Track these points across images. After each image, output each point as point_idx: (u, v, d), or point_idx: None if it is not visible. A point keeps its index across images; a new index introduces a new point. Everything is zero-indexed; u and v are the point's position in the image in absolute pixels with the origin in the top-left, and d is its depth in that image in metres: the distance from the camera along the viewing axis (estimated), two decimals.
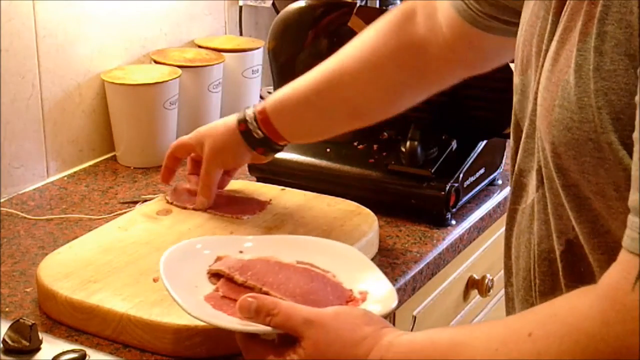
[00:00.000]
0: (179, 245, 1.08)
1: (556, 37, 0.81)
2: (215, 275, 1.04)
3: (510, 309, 0.95)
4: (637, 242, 0.68)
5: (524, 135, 0.89)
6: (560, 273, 0.84)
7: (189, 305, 0.95)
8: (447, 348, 0.79)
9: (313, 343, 0.85)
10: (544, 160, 0.82)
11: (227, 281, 1.02)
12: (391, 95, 1.24)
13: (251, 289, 0.99)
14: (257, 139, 1.28)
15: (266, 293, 0.98)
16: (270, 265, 1.04)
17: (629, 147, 0.72)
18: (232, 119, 1.31)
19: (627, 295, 0.68)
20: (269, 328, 0.89)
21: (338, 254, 1.09)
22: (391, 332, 0.85)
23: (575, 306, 0.73)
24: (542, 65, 0.84)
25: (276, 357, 0.88)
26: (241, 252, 1.09)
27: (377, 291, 1.01)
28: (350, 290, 1.02)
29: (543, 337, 0.73)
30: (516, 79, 0.92)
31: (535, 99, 0.85)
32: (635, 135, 0.70)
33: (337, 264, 1.06)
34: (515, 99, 0.92)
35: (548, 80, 0.81)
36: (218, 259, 1.07)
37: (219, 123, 1.34)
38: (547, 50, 0.83)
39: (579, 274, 0.82)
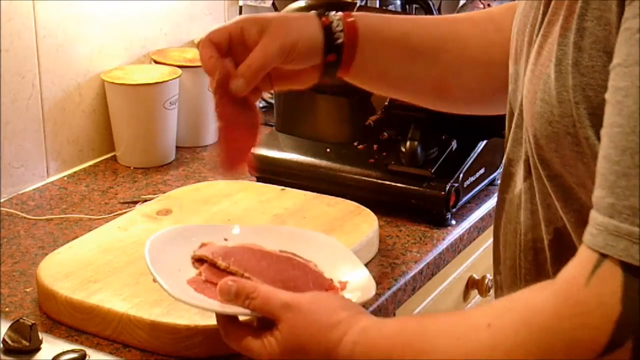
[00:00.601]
0: (165, 230, 1.08)
1: (541, 30, 0.82)
2: (198, 261, 1.05)
3: (498, 297, 0.96)
4: (596, 238, 0.69)
5: (513, 125, 0.90)
6: (549, 262, 0.85)
7: (171, 286, 0.95)
8: (414, 334, 0.81)
9: (289, 326, 0.87)
10: (530, 150, 0.84)
11: (210, 266, 1.02)
12: (485, 73, 1.09)
13: (233, 274, 1.00)
14: (335, 44, 1.03)
15: (248, 279, 0.98)
16: (253, 252, 1.04)
17: None
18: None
19: (581, 290, 0.69)
20: (247, 311, 0.91)
21: (320, 244, 1.10)
22: (365, 318, 0.86)
23: (531, 299, 0.74)
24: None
25: (254, 339, 0.89)
26: (226, 239, 1.10)
27: (356, 280, 1.03)
28: (330, 279, 1.03)
29: (500, 329, 0.74)
30: (511, 68, 0.93)
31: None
32: (602, 131, 0.71)
33: (319, 255, 1.07)
34: (510, 87, 0.92)
35: (532, 72, 0.82)
36: (203, 245, 1.07)
37: (282, 14, 1.06)
38: (535, 42, 0.84)
39: (567, 263, 0.83)
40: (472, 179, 1.49)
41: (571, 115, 0.75)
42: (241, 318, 0.95)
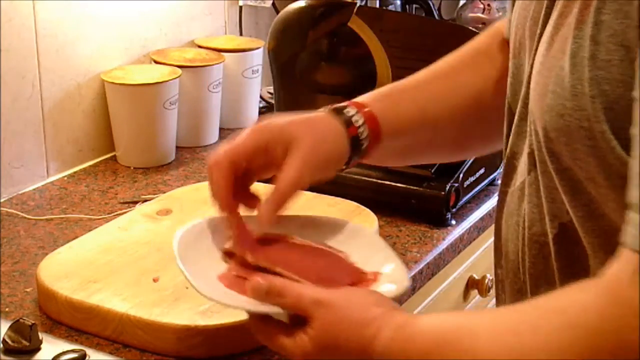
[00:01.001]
0: (193, 224, 1.04)
1: (551, 22, 0.82)
2: (228, 254, 1.01)
3: (499, 291, 0.95)
4: (637, 239, 0.68)
5: (516, 118, 0.89)
6: (553, 257, 0.85)
7: (200, 284, 0.93)
8: (454, 333, 0.79)
9: (322, 323, 0.85)
10: (537, 143, 0.83)
11: (240, 260, 0.99)
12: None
13: (263, 268, 0.98)
14: (362, 147, 1.00)
15: (279, 273, 0.96)
16: (284, 244, 1.02)
17: (620, 138, 0.73)
18: (321, 115, 1.00)
19: (625, 291, 0.68)
20: (279, 309, 0.89)
21: (352, 233, 1.06)
22: (400, 314, 0.85)
23: (576, 300, 0.73)
24: (536, 49, 0.84)
25: (286, 337, 0.88)
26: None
27: (389, 272, 1.00)
28: (363, 271, 1.00)
29: (546, 331, 0.73)
30: (510, 62, 0.92)
31: (529, 82, 0.85)
32: (633, 131, 0.70)
33: (351, 245, 1.03)
34: (508, 82, 0.92)
35: (542, 65, 0.81)
36: (232, 237, 1.02)
37: (305, 116, 0.99)
38: (541, 34, 0.83)
39: (572, 257, 0.83)
40: (472, 179, 1.49)
41: (585, 109, 0.75)
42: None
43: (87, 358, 1.03)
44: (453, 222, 1.44)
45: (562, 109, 0.77)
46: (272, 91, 1.81)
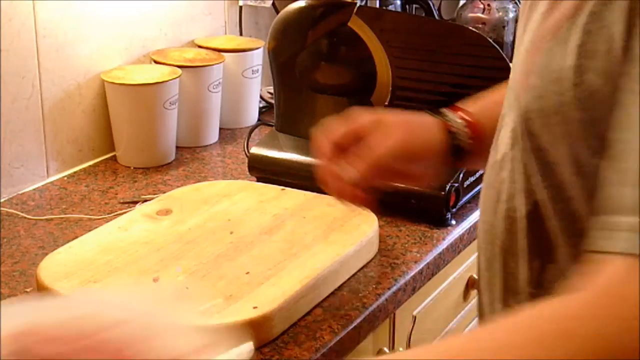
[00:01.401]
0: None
1: (545, 3, 0.82)
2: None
3: (478, 262, 0.95)
4: (635, 242, 0.67)
5: (511, 95, 0.90)
6: (524, 232, 0.85)
7: None
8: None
9: None
10: (518, 120, 0.84)
11: None
12: None
13: None
14: (461, 147, 1.04)
15: None
16: (62, 343, 0.77)
17: (594, 128, 0.74)
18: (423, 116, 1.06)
19: (624, 288, 0.67)
20: None
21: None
22: None
23: (568, 306, 0.70)
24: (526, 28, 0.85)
25: None
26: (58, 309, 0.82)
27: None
28: None
29: (535, 341, 0.68)
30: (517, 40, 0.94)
31: None
32: (617, 135, 0.71)
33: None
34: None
35: (531, 43, 0.82)
36: (13, 338, 0.77)
37: (402, 115, 1.06)
38: (532, 12, 0.84)
39: (541, 237, 0.83)
40: (472, 179, 1.49)
41: (565, 94, 0.76)
42: None
43: None
44: (453, 222, 1.44)
45: (543, 91, 0.78)
46: (272, 91, 1.81)
